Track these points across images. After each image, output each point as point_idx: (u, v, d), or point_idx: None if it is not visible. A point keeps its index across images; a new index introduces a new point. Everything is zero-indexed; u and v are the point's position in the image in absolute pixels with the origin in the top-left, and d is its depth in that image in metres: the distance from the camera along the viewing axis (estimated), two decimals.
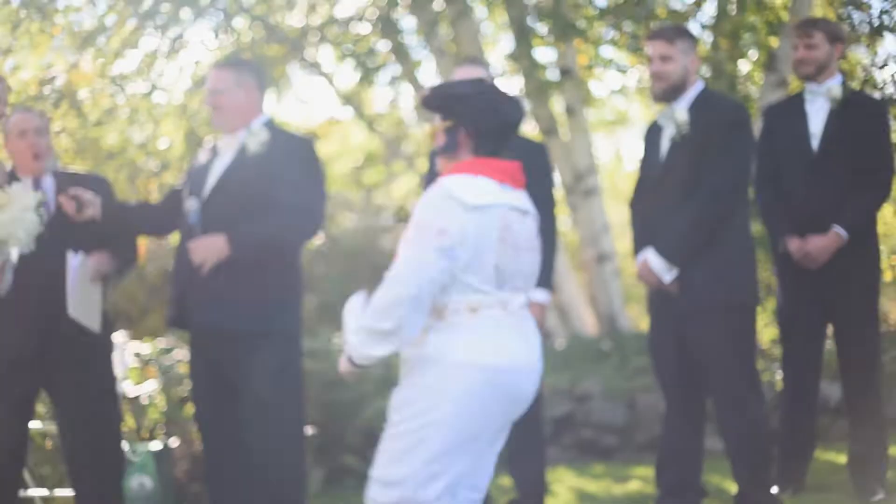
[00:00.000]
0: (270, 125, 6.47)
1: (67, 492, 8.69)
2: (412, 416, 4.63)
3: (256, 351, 6.23)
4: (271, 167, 6.21)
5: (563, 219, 14.15)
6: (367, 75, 12.92)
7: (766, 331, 10.10)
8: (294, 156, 6.34)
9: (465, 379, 4.58)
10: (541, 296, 6.86)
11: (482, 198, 4.58)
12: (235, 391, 6.32)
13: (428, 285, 4.52)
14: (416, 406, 4.64)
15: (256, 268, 6.22)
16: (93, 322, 6.48)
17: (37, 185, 6.49)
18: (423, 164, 15.39)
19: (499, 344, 4.60)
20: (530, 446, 7.02)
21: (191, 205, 6.32)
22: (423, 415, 4.61)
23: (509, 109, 4.79)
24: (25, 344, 6.44)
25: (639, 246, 6.71)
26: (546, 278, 6.88)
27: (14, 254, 6.09)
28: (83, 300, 6.31)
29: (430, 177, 6.36)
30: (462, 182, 4.63)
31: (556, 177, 13.46)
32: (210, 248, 6.15)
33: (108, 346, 6.76)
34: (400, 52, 12.68)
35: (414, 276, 4.52)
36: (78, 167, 11.43)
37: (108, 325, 6.81)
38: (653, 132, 6.83)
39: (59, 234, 6.34)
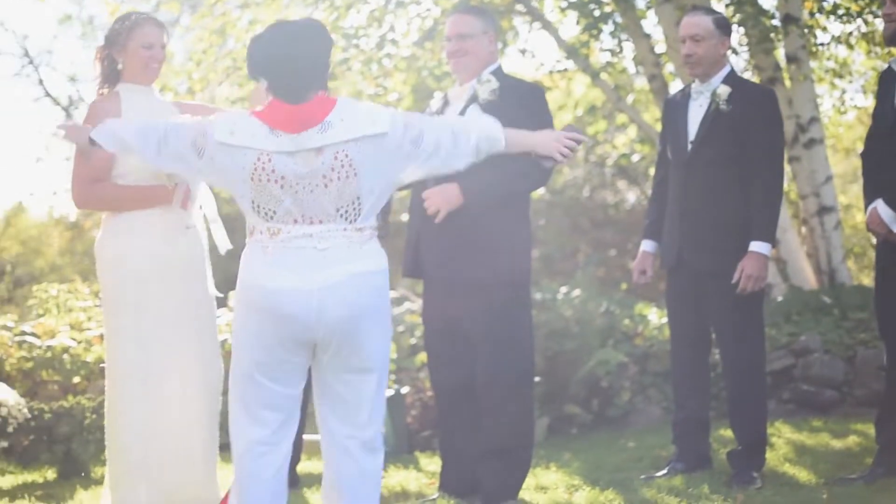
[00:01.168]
0: (499, 73, 6.57)
1: (309, 437, 9.00)
2: None
3: (488, 300, 6.36)
4: (502, 115, 5.94)
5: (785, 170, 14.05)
6: (591, 26, 12.84)
7: None
8: (524, 103, 6.39)
9: (237, 293, 5.10)
10: (760, 247, 6.87)
11: (232, 138, 4.99)
12: (468, 339, 6.48)
13: (155, 131, 5.15)
14: None
15: (487, 217, 6.34)
16: None
17: None
18: (647, 116, 15.40)
19: (257, 266, 5.02)
20: (751, 398, 7.02)
21: None
22: None
23: (279, 50, 5.02)
24: None
25: (869, 196, 6.70)
26: (767, 231, 6.89)
27: (197, 186, 6.26)
28: None
29: None
30: (229, 119, 5.09)
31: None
32: (444, 197, 6.25)
33: None
34: (624, 1, 12.63)
35: (156, 122, 5.23)
36: None
37: None
38: (886, 79, 6.75)
39: None
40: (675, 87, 13.01)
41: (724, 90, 7.01)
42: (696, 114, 7.14)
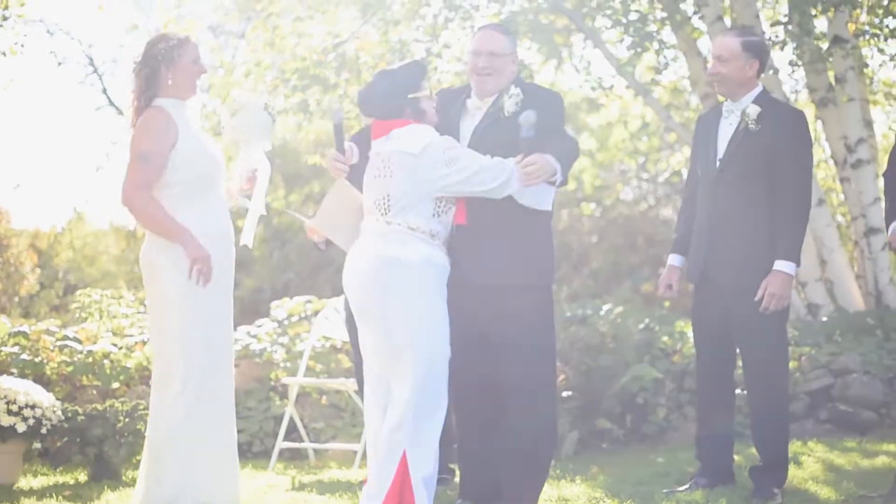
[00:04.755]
0: (519, 81, 6.64)
1: (340, 446, 9.26)
2: None
3: (512, 303, 6.42)
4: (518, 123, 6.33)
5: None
6: (637, 44, 12.76)
7: None
8: (549, 108, 6.46)
9: None
10: (785, 266, 6.94)
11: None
12: (488, 342, 6.51)
13: None
14: None
15: (514, 222, 6.43)
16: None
17: None
18: None
19: None
20: (773, 415, 7.09)
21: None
22: None
23: (370, 88, 6.56)
24: None
25: (891, 217, 6.84)
26: (792, 250, 6.97)
27: (256, 154, 6.83)
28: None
29: None
30: None
31: (827, 148, 13.27)
32: (545, 166, 6.25)
33: None
34: (675, 21, 12.62)
35: None
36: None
37: None
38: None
39: None
40: None
41: (753, 110, 7.13)
42: (725, 132, 7.26)
